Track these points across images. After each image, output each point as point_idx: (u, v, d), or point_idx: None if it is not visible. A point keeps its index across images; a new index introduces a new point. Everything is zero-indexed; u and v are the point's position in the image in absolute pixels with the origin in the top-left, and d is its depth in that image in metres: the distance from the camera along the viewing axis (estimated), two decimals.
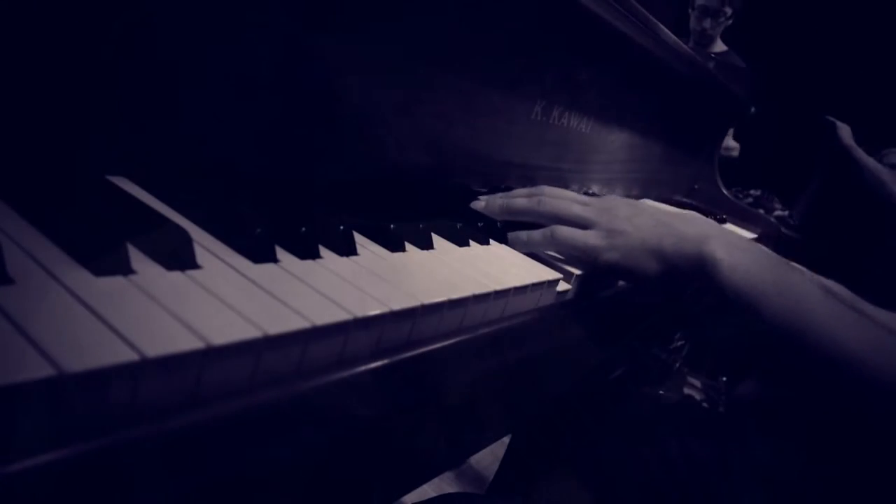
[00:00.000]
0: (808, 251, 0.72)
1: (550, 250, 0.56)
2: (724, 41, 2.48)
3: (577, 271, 0.55)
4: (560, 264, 0.56)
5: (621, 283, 0.61)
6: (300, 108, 0.51)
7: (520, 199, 0.60)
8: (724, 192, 1.54)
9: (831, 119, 2.21)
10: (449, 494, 0.56)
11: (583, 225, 0.55)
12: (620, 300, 0.63)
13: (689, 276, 0.52)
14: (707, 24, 2.37)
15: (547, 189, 0.61)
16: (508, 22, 0.67)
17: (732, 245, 0.51)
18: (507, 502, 0.73)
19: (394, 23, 0.55)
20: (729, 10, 2.36)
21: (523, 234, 0.56)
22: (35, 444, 0.20)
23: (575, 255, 0.55)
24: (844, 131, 2.19)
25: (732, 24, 2.42)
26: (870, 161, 2.15)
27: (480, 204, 0.62)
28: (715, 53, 2.41)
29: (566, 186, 0.95)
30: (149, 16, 0.38)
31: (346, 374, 0.31)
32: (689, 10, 2.42)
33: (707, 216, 0.77)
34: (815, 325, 0.46)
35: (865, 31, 2.96)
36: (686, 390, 2.11)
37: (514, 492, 0.82)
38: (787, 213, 2.24)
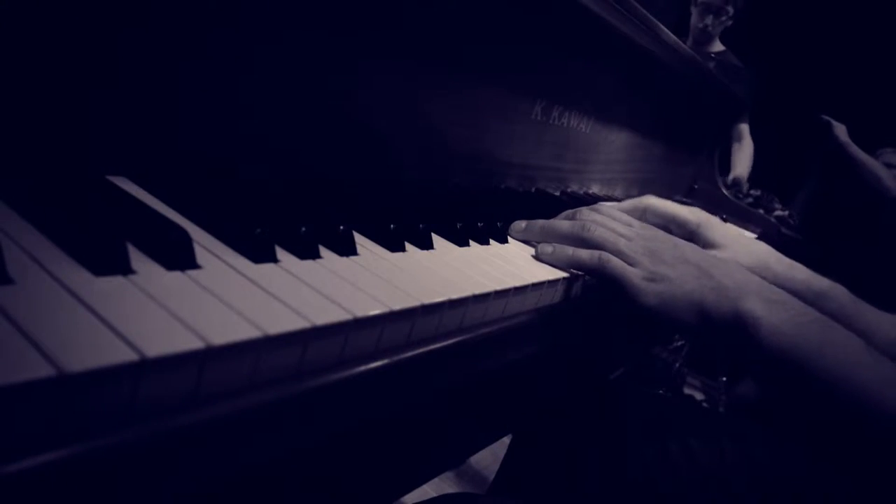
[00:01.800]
0: (808, 250, 0.73)
1: (592, 273, 0.55)
2: (722, 41, 2.48)
3: (577, 271, 0.55)
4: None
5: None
6: (300, 107, 0.51)
7: (563, 222, 0.59)
8: (725, 192, 1.54)
9: (827, 118, 2.23)
10: (449, 495, 0.55)
11: (633, 263, 0.54)
12: None
13: (726, 332, 0.50)
14: (709, 21, 2.37)
15: (587, 213, 0.60)
16: (508, 22, 0.67)
17: (771, 301, 0.50)
18: (507, 502, 0.73)
19: (394, 23, 0.55)
20: (731, 10, 2.36)
21: (569, 250, 0.55)
22: (35, 443, 0.20)
23: (617, 286, 0.53)
24: (840, 129, 2.21)
25: (730, 25, 2.42)
26: (866, 157, 2.17)
27: (521, 225, 0.61)
28: (713, 53, 2.41)
29: (566, 186, 0.95)
30: (149, 15, 0.38)
31: (346, 374, 0.31)
32: (692, 7, 2.42)
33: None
34: (862, 382, 0.45)
35: (862, 32, 2.96)
36: (686, 390, 2.11)
37: (515, 492, 0.82)
38: (787, 212, 2.25)
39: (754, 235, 1.38)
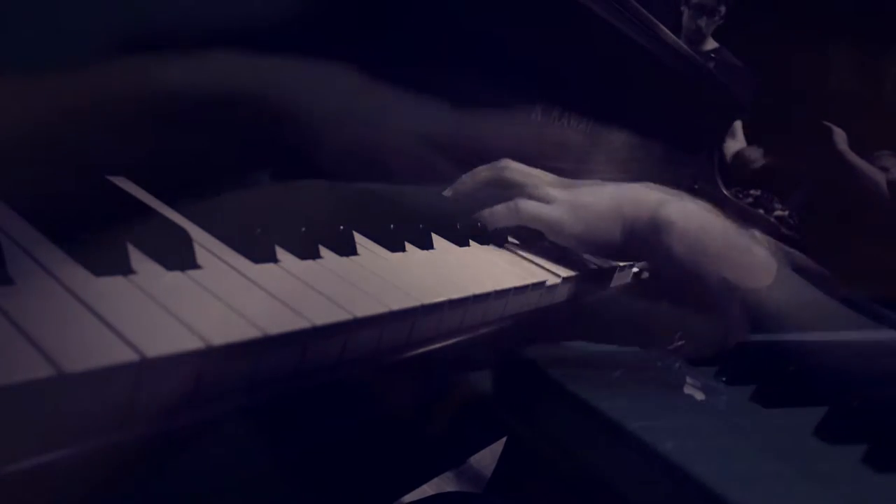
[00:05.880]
0: (808, 250, 0.73)
1: (514, 223, 0.55)
2: (716, 39, 2.48)
3: (576, 272, 0.55)
4: (560, 265, 0.56)
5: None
6: (299, 107, 0.51)
7: (483, 170, 0.60)
8: (725, 192, 1.54)
9: (828, 124, 2.24)
10: (448, 493, 0.55)
11: (547, 200, 0.54)
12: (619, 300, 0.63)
13: (646, 240, 0.52)
14: (702, 22, 2.37)
15: (510, 162, 0.60)
16: (508, 21, 0.67)
17: (688, 210, 0.51)
18: (504, 501, 0.73)
19: (394, 22, 0.55)
20: (723, 9, 2.36)
21: (486, 211, 0.55)
22: (35, 444, 0.20)
23: (540, 228, 0.54)
24: (840, 136, 2.22)
25: (721, 23, 2.42)
26: (865, 165, 2.19)
27: (450, 192, 0.62)
28: (711, 52, 2.41)
29: None
30: (147, 15, 0.38)
31: (346, 374, 0.31)
32: (682, 8, 2.41)
33: None
34: (760, 292, 0.46)
35: (858, 33, 2.96)
36: (686, 390, 2.11)
37: (511, 491, 0.82)
38: (787, 212, 2.25)
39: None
